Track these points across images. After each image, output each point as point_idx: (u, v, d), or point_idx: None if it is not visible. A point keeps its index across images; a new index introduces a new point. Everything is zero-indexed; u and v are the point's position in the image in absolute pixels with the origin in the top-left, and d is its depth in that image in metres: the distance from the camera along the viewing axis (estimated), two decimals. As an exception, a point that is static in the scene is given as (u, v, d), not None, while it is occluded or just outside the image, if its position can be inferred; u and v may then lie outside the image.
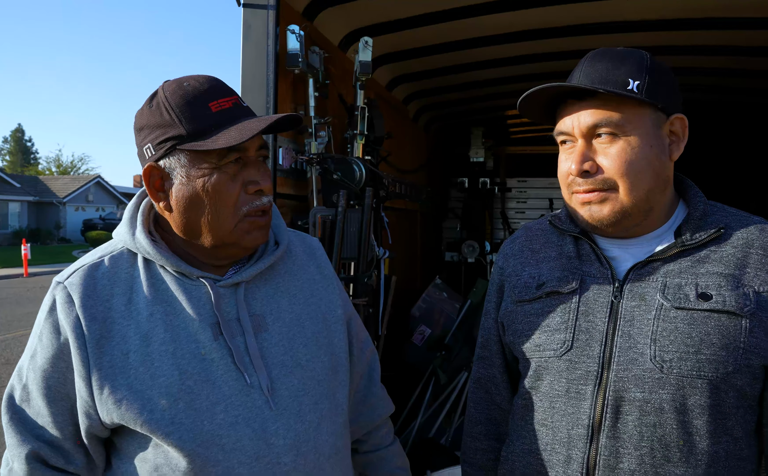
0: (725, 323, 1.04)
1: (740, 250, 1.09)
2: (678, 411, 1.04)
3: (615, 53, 1.12)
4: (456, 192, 6.03)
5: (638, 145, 1.08)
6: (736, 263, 1.08)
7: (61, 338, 1.05)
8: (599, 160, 1.10)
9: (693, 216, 1.13)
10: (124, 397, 1.02)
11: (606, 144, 1.09)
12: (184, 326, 1.07)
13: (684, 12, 2.85)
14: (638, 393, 1.06)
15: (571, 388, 1.12)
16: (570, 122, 1.12)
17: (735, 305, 1.05)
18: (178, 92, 1.05)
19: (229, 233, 1.08)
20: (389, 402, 1.41)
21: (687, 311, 1.06)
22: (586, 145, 1.11)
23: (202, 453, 1.03)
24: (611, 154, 1.09)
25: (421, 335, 4.04)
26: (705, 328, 1.05)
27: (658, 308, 1.08)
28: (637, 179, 1.09)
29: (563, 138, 1.15)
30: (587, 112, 1.09)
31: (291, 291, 1.19)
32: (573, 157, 1.12)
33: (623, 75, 1.08)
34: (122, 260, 1.11)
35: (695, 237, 1.11)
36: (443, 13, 2.91)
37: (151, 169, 1.08)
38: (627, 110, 1.08)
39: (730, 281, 1.06)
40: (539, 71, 3.74)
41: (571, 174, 1.13)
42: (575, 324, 1.13)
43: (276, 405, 1.08)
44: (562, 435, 1.12)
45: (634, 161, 1.08)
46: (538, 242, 1.27)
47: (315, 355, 1.16)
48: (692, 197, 1.17)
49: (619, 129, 1.08)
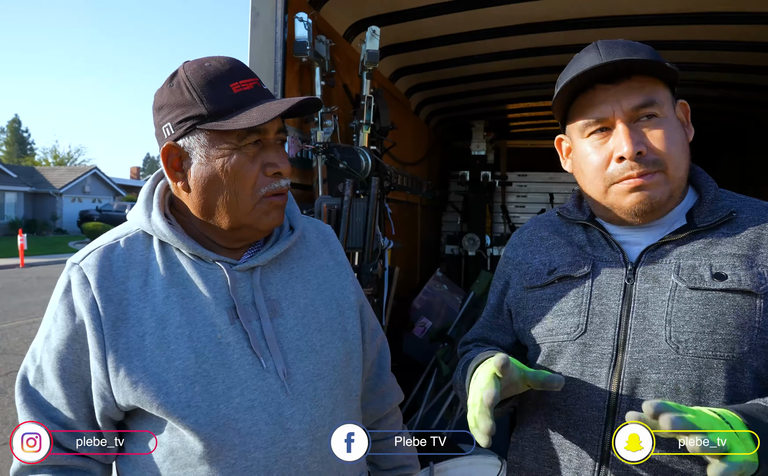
0: (740, 302, 1.05)
1: (753, 231, 1.10)
2: (694, 392, 1.04)
3: (621, 42, 1.12)
4: (456, 185, 6.03)
5: (675, 125, 1.10)
6: (749, 244, 1.09)
7: (77, 320, 1.04)
8: (647, 141, 1.08)
9: (705, 199, 1.14)
10: (140, 379, 1.02)
11: (649, 125, 1.08)
12: (200, 310, 1.06)
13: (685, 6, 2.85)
14: (654, 375, 1.06)
15: (586, 371, 1.11)
16: (609, 107, 1.09)
17: (751, 283, 1.05)
18: (200, 72, 1.05)
19: (247, 214, 1.08)
20: (399, 390, 1.41)
21: (702, 291, 1.06)
22: (630, 127, 1.08)
23: (218, 436, 1.02)
24: (656, 134, 1.08)
25: (423, 327, 4.04)
26: (720, 308, 1.05)
27: (673, 288, 1.08)
28: (681, 157, 1.10)
29: (599, 126, 1.11)
30: (629, 93, 1.08)
31: (305, 277, 1.18)
32: (619, 141, 1.08)
33: (647, 56, 1.08)
34: (138, 243, 1.10)
35: (707, 220, 1.11)
36: (446, 5, 2.91)
37: (169, 148, 1.07)
38: (660, 91, 1.09)
39: (744, 262, 1.07)
40: (541, 65, 3.74)
41: (622, 158, 1.08)
42: (589, 307, 1.13)
43: (292, 390, 1.08)
44: (576, 418, 1.12)
45: (677, 140, 1.09)
46: (547, 231, 1.27)
47: (329, 341, 1.16)
48: (704, 182, 1.17)
49: (659, 109, 1.08)
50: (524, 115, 5.64)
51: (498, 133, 5.96)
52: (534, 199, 6.22)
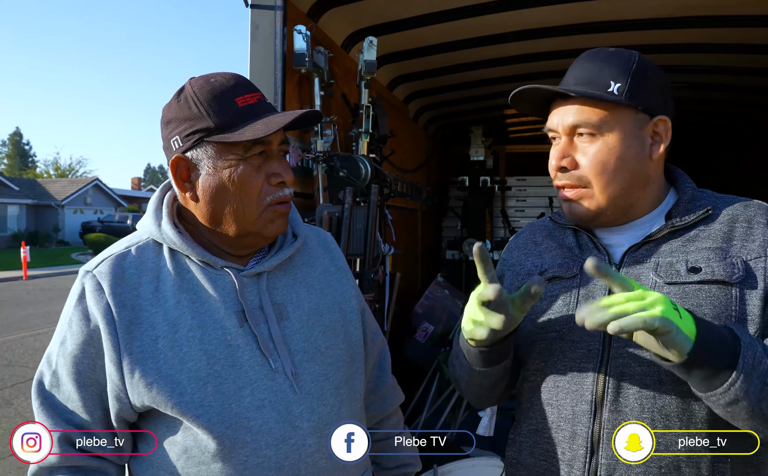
0: (716, 293, 1.09)
1: (726, 225, 1.15)
2: (676, 381, 1.08)
3: (604, 54, 1.18)
4: (456, 191, 6.08)
5: (615, 145, 1.14)
6: (723, 236, 1.13)
7: (91, 325, 1.09)
8: (578, 157, 1.16)
9: (682, 200, 1.19)
10: (154, 381, 1.06)
11: (585, 143, 1.16)
12: (210, 314, 1.11)
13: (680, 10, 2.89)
14: (637, 368, 1.11)
15: (574, 367, 1.16)
16: (556, 120, 1.19)
17: (724, 274, 1.09)
18: (206, 87, 1.10)
19: (253, 222, 1.13)
20: (399, 391, 1.46)
21: (679, 285, 1.11)
22: (568, 142, 1.17)
23: (230, 434, 1.07)
24: (588, 153, 1.15)
25: (425, 332, 4.08)
26: (696, 300, 1.09)
27: (652, 286, 1.12)
28: (611, 178, 1.14)
29: (552, 134, 1.22)
30: (570, 112, 1.16)
31: (308, 282, 1.23)
32: (554, 152, 1.19)
33: (606, 77, 1.14)
34: (148, 251, 1.15)
35: (684, 219, 1.16)
36: (443, 13, 2.96)
37: (178, 160, 1.12)
38: (607, 112, 1.14)
39: (717, 254, 1.11)
40: (537, 70, 3.79)
41: (552, 168, 1.20)
42: (577, 306, 1.18)
43: (300, 389, 1.13)
44: (567, 413, 1.17)
45: (609, 160, 1.14)
46: (541, 236, 1.33)
47: (333, 343, 1.21)
48: (681, 184, 1.23)
49: (597, 129, 1.14)
50: (522, 119, 5.68)
51: (496, 138, 6.01)
52: (533, 203, 6.26)
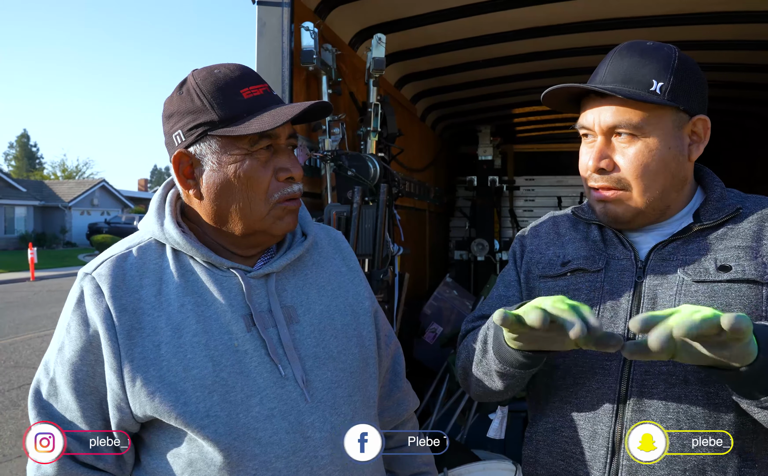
0: (746, 292, 1.06)
1: (756, 224, 1.12)
2: (703, 382, 1.05)
3: (642, 49, 1.13)
4: (464, 191, 6.03)
5: (656, 147, 1.10)
6: (753, 235, 1.11)
7: (90, 330, 1.03)
8: (616, 158, 1.12)
9: (710, 198, 1.16)
10: (157, 390, 1.00)
11: (624, 144, 1.11)
12: (216, 318, 1.05)
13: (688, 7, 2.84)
14: (663, 367, 1.07)
15: (596, 364, 1.13)
16: (591, 118, 1.14)
17: (755, 273, 1.06)
18: (209, 79, 1.05)
19: (261, 219, 1.07)
20: (414, 396, 1.40)
21: (707, 284, 1.08)
22: (605, 142, 1.13)
23: (238, 446, 1.00)
24: (628, 155, 1.11)
25: (433, 333, 4.03)
26: (726, 299, 1.06)
27: (679, 283, 1.10)
28: (652, 180, 1.11)
29: (585, 132, 1.17)
30: (608, 111, 1.11)
31: (319, 283, 1.17)
32: (591, 152, 1.14)
33: (647, 75, 1.09)
34: (150, 251, 1.09)
35: (713, 217, 1.13)
36: (451, 11, 2.91)
37: (180, 155, 1.07)
38: (648, 112, 1.09)
39: (748, 253, 1.09)
40: (547, 68, 3.73)
41: (588, 169, 1.16)
42: (600, 302, 1.15)
43: (311, 398, 1.07)
44: (587, 411, 1.13)
45: (650, 162, 1.10)
46: (564, 227, 1.29)
47: (346, 347, 1.15)
48: (709, 183, 1.20)
49: (638, 130, 1.10)
50: (530, 119, 5.64)
51: (504, 137, 5.95)
52: (542, 203, 6.19)
